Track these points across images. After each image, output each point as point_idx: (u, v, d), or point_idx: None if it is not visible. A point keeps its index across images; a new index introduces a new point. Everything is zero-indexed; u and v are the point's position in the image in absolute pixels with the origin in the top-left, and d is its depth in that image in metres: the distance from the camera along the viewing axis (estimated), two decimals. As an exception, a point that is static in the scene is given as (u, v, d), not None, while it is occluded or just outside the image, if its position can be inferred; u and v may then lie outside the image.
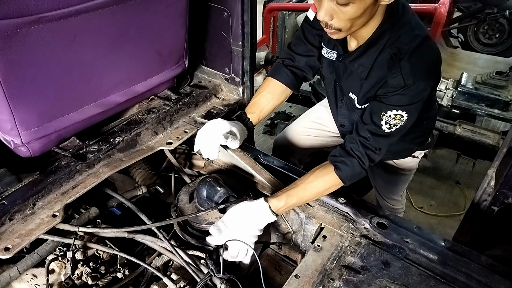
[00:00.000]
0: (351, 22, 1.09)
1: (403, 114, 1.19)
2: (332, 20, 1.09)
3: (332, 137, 1.84)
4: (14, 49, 1.07)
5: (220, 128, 1.38)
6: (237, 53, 1.70)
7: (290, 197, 1.23)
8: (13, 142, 1.26)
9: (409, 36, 1.17)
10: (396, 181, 1.89)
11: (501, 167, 1.34)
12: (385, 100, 1.20)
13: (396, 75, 1.16)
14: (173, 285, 1.13)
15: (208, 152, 1.37)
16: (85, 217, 1.27)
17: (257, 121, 1.51)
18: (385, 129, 1.22)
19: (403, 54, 1.16)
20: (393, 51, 1.17)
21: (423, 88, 1.18)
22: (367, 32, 1.19)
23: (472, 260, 1.13)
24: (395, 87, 1.17)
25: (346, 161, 1.25)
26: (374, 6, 1.08)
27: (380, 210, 1.31)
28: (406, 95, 1.17)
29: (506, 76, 3.01)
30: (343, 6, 1.05)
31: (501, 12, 3.95)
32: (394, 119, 1.20)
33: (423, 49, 1.17)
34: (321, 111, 1.85)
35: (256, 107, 1.51)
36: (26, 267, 1.14)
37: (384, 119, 1.20)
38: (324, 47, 1.43)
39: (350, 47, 1.30)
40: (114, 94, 1.47)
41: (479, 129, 2.66)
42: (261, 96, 1.51)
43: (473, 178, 3.02)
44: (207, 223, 1.29)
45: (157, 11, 1.43)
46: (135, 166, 1.61)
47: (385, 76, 1.20)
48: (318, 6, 1.10)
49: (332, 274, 1.08)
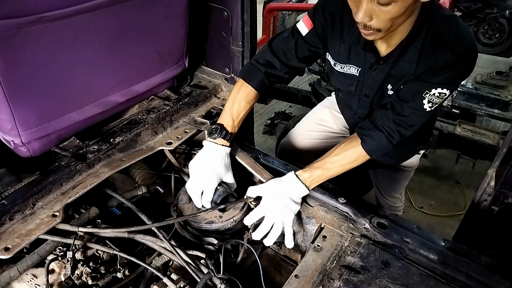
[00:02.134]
0: (391, 21, 1.06)
1: (447, 92, 1.18)
2: (372, 20, 1.06)
3: (336, 137, 1.84)
4: (14, 49, 1.07)
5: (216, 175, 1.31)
6: (237, 53, 1.70)
7: (315, 169, 1.28)
8: (13, 142, 1.26)
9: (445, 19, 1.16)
10: (398, 178, 1.89)
11: (501, 167, 1.34)
12: (431, 80, 1.18)
13: (445, 54, 1.14)
14: (173, 285, 1.13)
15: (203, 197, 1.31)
16: (85, 217, 1.27)
17: (234, 132, 1.41)
18: (426, 107, 1.21)
19: (447, 35, 1.14)
20: (432, 36, 1.16)
21: (469, 67, 1.18)
22: (404, 29, 1.16)
23: (472, 260, 1.13)
24: (443, 66, 1.15)
25: (374, 135, 1.26)
26: (415, 4, 1.04)
27: (380, 210, 1.31)
28: (454, 73, 1.16)
29: (506, 76, 3.01)
30: (384, 6, 1.01)
31: (501, 12, 3.96)
32: (437, 98, 1.19)
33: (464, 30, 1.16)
34: (324, 112, 1.84)
35: (235, 117, 1.41)
36: (26, 267, 1.14)
37: (427, 98, 1.20)
38: (337, 63, 1.40)
39: (381, 51, 1.27)
40: (114, 94, 1.47)
41: (479, 129, 2.66)
42: (239, 105, 1.41)
43: (473, 178, 3.02)
44: (207, 222, 1.30)
45: (157, 11, 1.43)
46: (135, 166, 1.61)
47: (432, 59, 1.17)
48: (356, 7, 1.07)
49: (332, 274, 1.08)
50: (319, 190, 1.33)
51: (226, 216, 1.31)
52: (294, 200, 1.25)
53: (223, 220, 1.30)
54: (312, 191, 1.30)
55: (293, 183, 1.26)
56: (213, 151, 1.34)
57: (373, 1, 1.02)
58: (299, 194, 1.26)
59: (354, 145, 1.30)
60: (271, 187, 1.27)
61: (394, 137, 1.26)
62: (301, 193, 1.26)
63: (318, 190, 1.33)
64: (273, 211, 1.22)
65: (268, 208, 1.23)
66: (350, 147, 1.30)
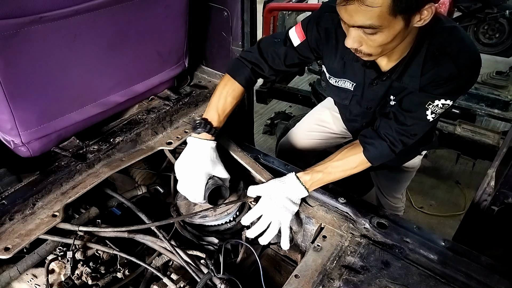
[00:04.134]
0: (381, 48, 1.06)
1: (450, 103, 1.19)
2: (362, 46, 1.07)
3: (335, 138, 1.84)
4: (14, 49, 1.07)
5: (204, 172, 1.28)
6: (237, 53, 1.70)
7: (316, 172, 1.28)
8: (13, 142, 1.26)
9: (446, 31, 1.15)
10: (399, 178, 1.89)
11: (501, 167, 1.34)
12: (434, 91, 1.18)
13: (448, 67, 1.14)
14: (173, 285, 1.13)
15: (194, 196, 1.28)
16: (85, 217, 1.27)
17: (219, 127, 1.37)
18: (429, 118, 1.22)
19: (449, 48, 1.13)
20: (434, 48, 1.15)
21: (473, 77, 1.17)
22: (403, 47, 1.16)
23: (472, 260, 1.13)
24: (446, 77, 1.15)
25: (376, 143, 1.27)
26: (406, 30, 1.03)
27: (380, 210, 1.31)
28: (458, 85, 1.16)
29: (506, 76, 3.01)
30: (370, 35, 1.02)
31: (501, 12, 3.95)
32: (440, 108, 1.20)
33: (467, 41, 1.16)
34: (324, 113, 1.84)
35: (221, 112, 1.37)
36: (26, 267, 1.14)
37: (430, 109, 1.20)
38: (331, 77, 1.40)
39: (382, 66, 1.26)
40: (114, 94, 1.47)
41: (479, 129, 2.66)
42: (225, 100, 1.37)
43: (473, 178, 3.02)
44: (200, 217, 1.30)
45: (157, 11, 1.42)
46: (135, 166, 1.61)
47: (435, 72, 1.16)
48: (345, 32, 1.08)
49: (332, 274, 1.08)
50: (319, 190, 1.33)
51: (220, 209, 1.32)
52: (293, 200, 1.25)
53: (216, 213, 1.31)
54: (312, 191, 1.30)
55: (293, 184, 1.27)
56: (197, 147, 1.30)
57: (360, 29, 1.02)
58: (298, 196, 1.27)
59: (356, 151, 1.30)
60: (271, 187, 1.27)
61: (397, 145, 1.27)
62: (300, 195, 1.27)
63: (318, 190, 1.33)
64: (271, 210, 1.22)
65: (265, 207, 1.23)
66: (352, 154, 1.30)
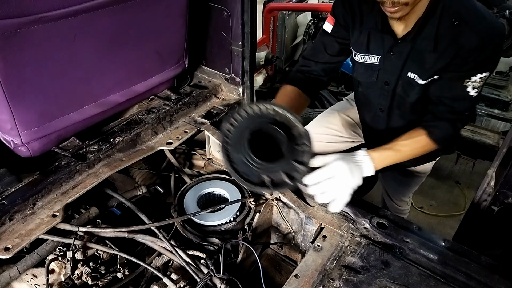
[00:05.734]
0: None
1: (486, 74, 1.22)
2: None
3: (344, 142, 1.83)
4: (14, 49, 1.07)
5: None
6: (237, 53, 1.70)
7: (384, 150, 1.26)
8: (13, 142, 1.26)
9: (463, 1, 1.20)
10: (410, 183, 1.88)
11: (501, 167, 1.34)
12: (466, 67, 1.21)
13: (469, 38, 1.16)
14: (173, 285, 1.13)
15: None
16: (85, 217, 1.27)
17: None
18: (472, 94, 1.25)
19: (467, 16, 1.17)
20: (452, 17, 1.18)
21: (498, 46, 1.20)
22: (421, 6, 1.20)
23: (472, 260, 1.13)
24: (471, 50, 1.17)
25: (440, 125, 1.30)
26: None
27: (380, 210, 1.31)
28: (485, 56, 1.18)
29: (506, 76, 3.01)
30: None
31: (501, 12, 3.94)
32: (479, 82, 1.23)
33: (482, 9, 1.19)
34: (332, 115, 1.84)
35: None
36: (26, 267, 1.14)
37: (470, 85, 1.23)
38: (357, 53, 1.43)
39: (398, 33, 1.31)
40: (114, 94, 1.47)
41: (479, 129, 2.66)
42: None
43: (473, 178, 3.02)
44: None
45: (157, 11, 1.43)
46: (135, 166, 1.61)
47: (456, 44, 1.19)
48: None
49: (332, 274, 1.08)
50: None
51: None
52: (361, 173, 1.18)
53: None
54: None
55: (363, 159, 1.20)
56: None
57: None
58: (364, 172, 1.20)
59: (421, 133, 1.31)
60: (340, 156, 1.17)
61: (458, 125, 1.33)
62: (366, 171, 1.20)
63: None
64: (343, 173, 1.13)
65: (338, 169, 1.12)
66: (418, 135, 1.31)
